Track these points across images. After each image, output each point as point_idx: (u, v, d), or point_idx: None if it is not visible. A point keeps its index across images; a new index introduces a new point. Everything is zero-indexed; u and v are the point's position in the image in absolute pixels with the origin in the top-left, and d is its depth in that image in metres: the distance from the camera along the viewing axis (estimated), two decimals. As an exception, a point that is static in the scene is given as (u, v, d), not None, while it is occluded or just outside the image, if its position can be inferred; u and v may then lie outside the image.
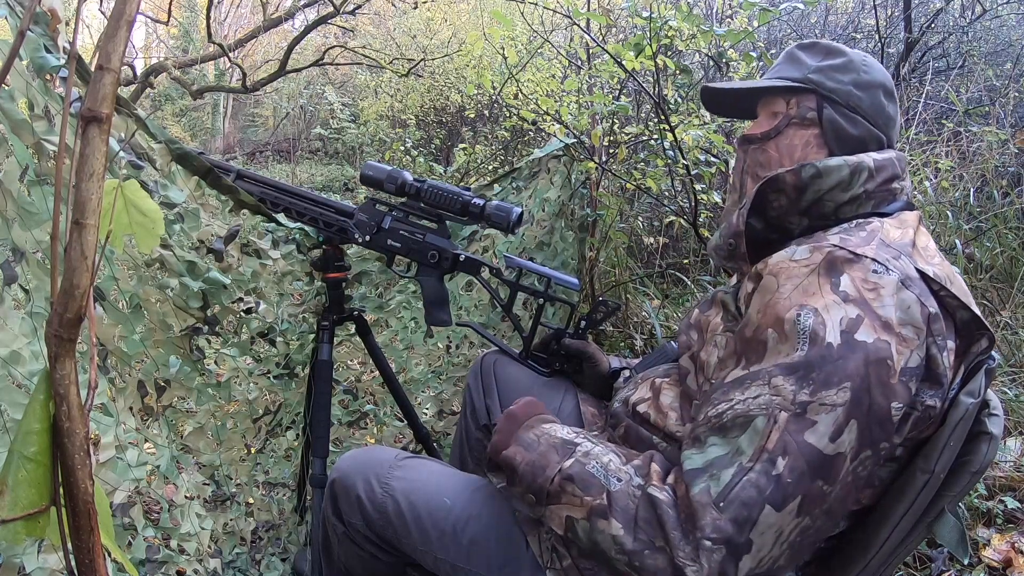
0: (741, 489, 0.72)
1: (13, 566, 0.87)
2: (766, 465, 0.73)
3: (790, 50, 1.04)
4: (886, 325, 0.75)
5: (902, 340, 0.75)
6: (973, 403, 0.81)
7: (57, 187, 0.46)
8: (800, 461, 0.72)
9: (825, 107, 0.96)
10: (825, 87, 0.96)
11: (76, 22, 0.66)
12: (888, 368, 0.74)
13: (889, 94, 0.98)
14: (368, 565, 1.10)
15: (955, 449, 0.81)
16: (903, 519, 0.83)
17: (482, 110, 6.18)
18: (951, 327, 0.80)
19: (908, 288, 0.77)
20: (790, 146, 0.98)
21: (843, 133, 0.96)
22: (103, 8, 6.16)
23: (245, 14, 10.94)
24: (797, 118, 0.98)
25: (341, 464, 1.12)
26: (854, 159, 0.91)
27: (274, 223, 1.31)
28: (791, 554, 0.76)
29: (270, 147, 9.80)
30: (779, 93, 1.01)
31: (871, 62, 0.99)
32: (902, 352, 0.74)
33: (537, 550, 0.96)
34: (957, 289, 0.81)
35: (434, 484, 1.05)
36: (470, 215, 1.26)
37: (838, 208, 0.92)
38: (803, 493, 0.72)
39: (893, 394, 0.74)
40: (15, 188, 0.86)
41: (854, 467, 0.74)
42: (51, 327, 0.44)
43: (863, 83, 0.96)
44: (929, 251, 0.86)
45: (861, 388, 0.73)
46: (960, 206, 2.58)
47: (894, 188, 0.93)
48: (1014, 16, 4.09)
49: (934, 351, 0.77)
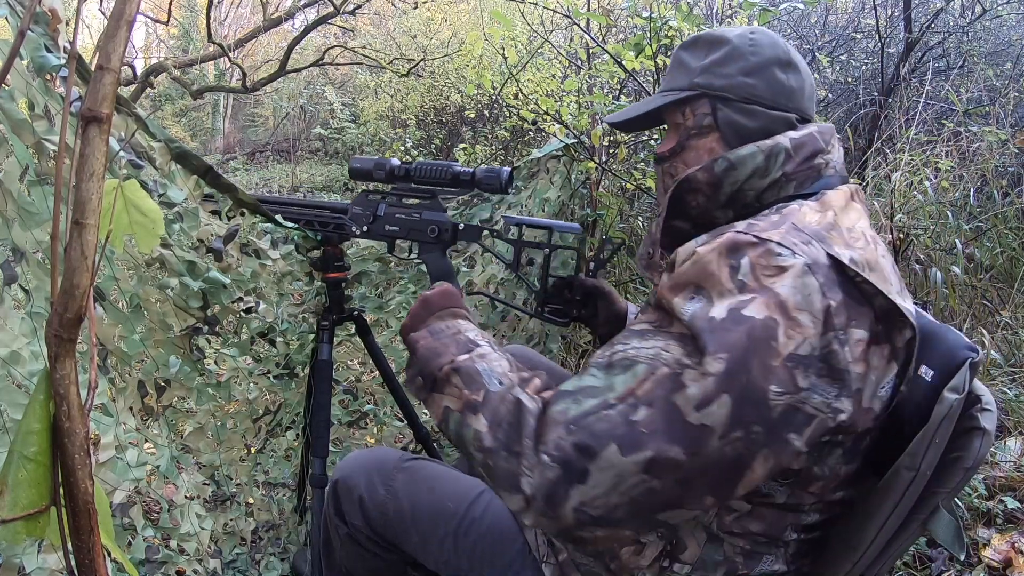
0: (596, 420, 0.72)
1: (13, 566, 0.87)
2: (628, 408, 0.72)
3: (675, 53, 1.00)
4: (780, 305, 0.71)
5: (795, 324, 0.71)
6: (957, 399, 0.80)
7: (57, 187, 0.46)
8: (660, 419, 0.70)
9: (719, 108, 0.93)
10: (714, 87, 0.93)
11: (76, 22, 0.66)
12: (772, 348, 0.70)
13: (786, 65, 0.93)
14: (370, 565, 1.10)
15: (940, 446, 0.80)
16: (890, 518, 0.83)
17: (482, 110, 6.18)
18: (866, 316, 0.75)
19: (813, 274, 0.73)
20: (697, 158, 0.95)
21: (742, 129, 0.92)
22: (103, 8, 6.16)
23: (245, 14, 10.94)
24: (695, 128, 0.95)
25: (344, 465, 1.12)
26: (768, 143, 0.88)
27: (273, 223, 1.32)
28: (632, 511, 0.72)
29: (270, 147, 9.80)
30: (674, 106, 0.97)
31: (759, 39, 0.93)
32: (792, 336, 0.71)
33: (533, 544, 0.96)
34: (877, 276, 0.77)
35: (437, 487, 1.06)
36: (462, 184, 1.26)
37: (760, 195, 0.89)
38: (654, 451, 0.70)
39: (773, 376, 0.70)
40: (15, 188, 0.86)
41: (720, 445, 0.70)
42: (51, 327, 0.44)
43: (751, 68, 0.92)
44: (854, 233, 0.81)
45: (738, 362, 0.70)
46: (960, 206, 2.58)
47: (817, 164, 0.89)
48: (1014, 16, 4.10)
49: (835, 345, 0.72)
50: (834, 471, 0.82)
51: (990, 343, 1.98)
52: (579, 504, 0.71)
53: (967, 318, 2.18)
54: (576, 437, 0.72)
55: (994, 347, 1.99)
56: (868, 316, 0.75)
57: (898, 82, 3.53)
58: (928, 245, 2.34)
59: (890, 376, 0.78)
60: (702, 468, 0.71)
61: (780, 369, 0.70)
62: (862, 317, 0.75)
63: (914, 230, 2.32)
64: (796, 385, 0.70)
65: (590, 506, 0.71)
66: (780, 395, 0.70)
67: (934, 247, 2.36)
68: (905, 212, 2.43)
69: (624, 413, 0.71)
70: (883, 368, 0.77)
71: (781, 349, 0.70)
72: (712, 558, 0.85)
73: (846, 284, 0.75)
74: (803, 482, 0.82)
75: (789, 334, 0.71)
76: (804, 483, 0.82)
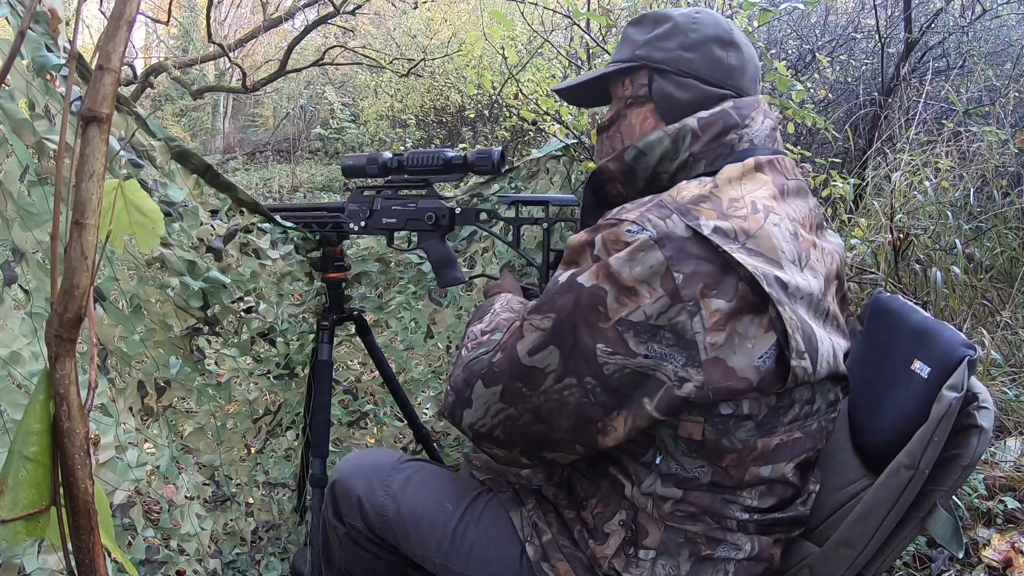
0: (475, 361, 0.92)
1: (13, 566, 0.87)
2: (494, 354, 0.89)
3: (624, 30, 1.03)
4: (610, 275, 0.79)
5: (628, 293, 0.78)
6: (956, 397, 0.80)
7: (57, 187, 0.46)
8: (506, 361, 0.87)
9: (655, 80, 0.96)
10: (653, 59, 0.96)
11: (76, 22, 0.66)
12: (599, 312, 0.79)
13: (726, 44, 0.95)
14: (370, 566, 1.10)
15: (939, 445, 0.81)
16: (888, 516, 0.83)
17: (482, 110, 6.18)
18: (731, 286, 0.78)
19: (660, 248, 0.77)
20: (630, 126, 0.99)
21: (674, 101, 0.95)
22: (103, 8, 6.16)
23: (245, 14, 10.94)
24: (632, 98, 0.99)
25: (342, 466, 1.12)
26: (675, 126, 0.91)
27: (272, 223, 1.32)
28: (509, 433, 0.89)
29: (270, 147, 9.80)
30: (616, 77, 1.01)
31: (702, 19, 0.96)
32: (624, 304, 0.78)
33: (519, 524, 0.99)
34: (753, 243, 0.80)
35: (435, 489, 1.06)
36: (455, 168, 1.27)
37: (672, 177, 0.92)
38: (504, 385, 0.87)
39: (600, 336, 0.79)
40: (15, 188, 0.86)
41: (559, 388, 0.83)
42: (51, 327, 0.44)
43: (691, 43, 0.94)
44: (739, 203, 0.84)
45: (565, 321, 0.81)
46: (960, 206, 2.58)
47: (729, 141, 0.91)
48: (1014, 16, 4.09)
49: (683, 316, 0.77)
50: (749, 445, 0.84)
51: (990, 343, 1.97)
52: (470, 423, 0.91)
53: (967, 318, 2.18)
54: (464, 373, 0.92)
55: (994, 347, 1.99)
56: (733, 285, 0.78)
57: (898, 82, 3.52)
58: (928, 245, 2.34)
59: (769, 345, 0.79)
60: (551, 408, 0.85)
61: (609, 331, 0.79)
62: (724, 286, 0.78)
63: (914, 230, 2.32)
64: (629, 349, 0.79)
65: (476, 425, 0.91)
66: (610, 355, 0.79)
67: (934, 247, 2.36)
68: (905, 212, 2.43)
69: (491, 357, 0.89)
70: (760, 337, 0.79)
71: (611, 314, 0.79)
72: (674, 541, 0.89)
73: (709, 254, 0.78)
74: (714, 456, 0.85)
75: (621, 301, 0.78)
76: (715, 457, 0.85)
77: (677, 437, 0.85)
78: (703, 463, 0.86)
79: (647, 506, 0.89)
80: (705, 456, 0.85)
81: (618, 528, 0.91)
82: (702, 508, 0.87)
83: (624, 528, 0.90)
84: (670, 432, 0.85)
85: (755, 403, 0.83)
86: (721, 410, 0.82)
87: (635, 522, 0.90)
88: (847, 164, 3.54)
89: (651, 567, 0.89)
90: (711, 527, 0.88)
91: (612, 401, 0.82)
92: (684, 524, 0.88)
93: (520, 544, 0.98)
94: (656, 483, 0.87)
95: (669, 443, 0.86)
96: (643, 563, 0.89)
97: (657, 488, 0.87)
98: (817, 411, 0.90)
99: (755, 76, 0.98)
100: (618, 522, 0.91)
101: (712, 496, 0.87)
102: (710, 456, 0.85)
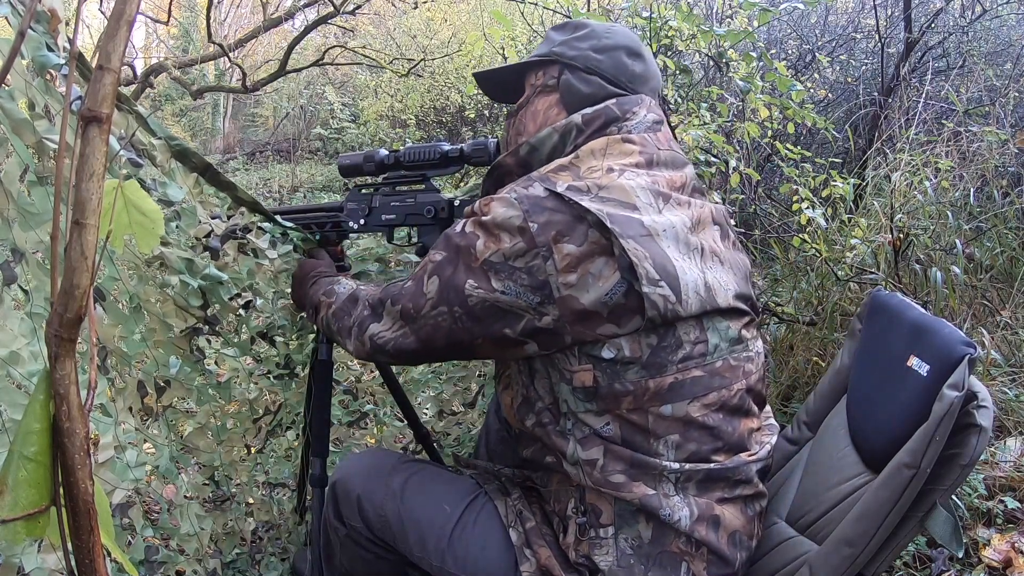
0: (391, 286, 1.06)
1: (12, 566, 0.87)
2: (406, 283, 1.03)
3: (546, 32, 1.15)
4: (482, 224, 0.94)
5: (493, 239, 0.92)
6: (957, 396, 0.80)
7: (57, 187, 0.46)
8: (410, 288, 1.01)
9: (564, 73, 1.07)
10: (566, 56, 1.07)
11: (76, 21, 0.66)
12: (471, 254, 0.94)
13: (633, 54, 1.07)
14: (370, 567, 1.10)
15: (940, 444, 0.81)
16: (890, 514, 0.84)
17: (482, 110, 6.18)
18: (581, 232, 0.89)
19: (520, 204, 0.91)
20: (535, 112, 1.10)
21: (575, 93, 1.06)
22: (103, 8, 6.16)
23: (245, 14, 10.94)
24: (541, 87, 1.10)
25: (343, 467, 1.12)
26: (563, 122, 1.03)
27: (271, 222, 1.31)
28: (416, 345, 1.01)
29: (270, 147, 9.79)
30: (530, 68, 1.13)
31: (616, 30, 1.09)
32: (489, 247, 0.92)
33: (503, 511, 1.02)
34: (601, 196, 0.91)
35: (434, 490, 1.07)
36: (452, 161, 1.28)
37: None
38: (402, 305, 1.01)
39: (471, 273, 0.93)
40: (15, 188, 0.86)
41: (436, 313, 0.97)
42: (51, 327, 0.44)
43: (602, 47, 1.06)
44: (594, 167, 0.97)
45: (446, 258, 0.97)
46: (960, 206, 2.58)
47: (609, 133, 1.01)
48: (1014, 16, 4.09)
49: (537, 260, 0.89)
50: (641, 386, 0.90)
51: (990, 343, 1.97)
52: (376, 334, 1.04)
53: (967, 318, 2.18)
54: (381, 295, 1.06)
55: (994, 347, 1.98)
56: (583, 232, 0.89)
57: (898, 82, 3.52)
58: (928, 245, 2.34)
59: (616, 281, 0.88)
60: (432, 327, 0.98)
61: (477, 270, 0.93)
62: (575, 233, 0.89)
63: (914, 230, 2.32)
64: (490, 285, 0.92)
65: (376, 336, 1.04)
66: (475, 289, 0.93)
67: (934, 247, 2.35)
68: (905, 212, 2.42)
69: (403, 285, 1.03)
70: (610, 277, 0.88)
71: (479, 256, 0.93)
72: (627, 511, 0.92)
73: (561, 206, 0.90)
74: (612, 403, 0.91)
75: (488, 245, 0.92)
76: (614, 404, 0.91)
77: (574, 388, 0.93)
78: (607, 418, 0.93)
79: (580, 477, 0.94)
80: (604, 405, 0.92)
81: (573, 514, 0.96)
82: (627, 463, 0.91)
83: (577, 513, 0.95)
84: (569, 388, 0.94)
85: (634, 344, 0.90)
86: (604, 354, 0.90)
87: (585, 502, 0.95)
88: (847, 164, 3.54)
89: (614, 543, 0.92)
90: (648, 483, 0.92)
91: (476, 328, 0.95)
92: (622, 492, 0.91)
93: (511, 544, 0.99)
94: (577, 449, 0.94)
95: (571, 400, 0.94)
96: (606, 541, 0.93)
97: (579, 453, 0.94)
98: (716, 349, 0.94)
99: (655, 88, 1.10)
100: (571, 508, 0.96)
101: (632, 452, 0.92)
102: (608, 404, 0.92)
